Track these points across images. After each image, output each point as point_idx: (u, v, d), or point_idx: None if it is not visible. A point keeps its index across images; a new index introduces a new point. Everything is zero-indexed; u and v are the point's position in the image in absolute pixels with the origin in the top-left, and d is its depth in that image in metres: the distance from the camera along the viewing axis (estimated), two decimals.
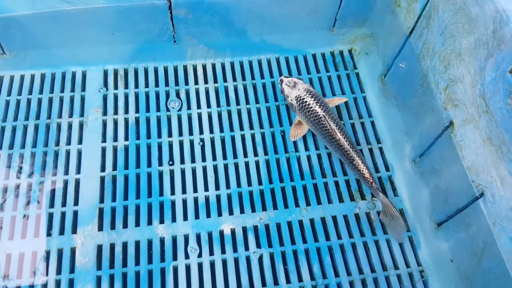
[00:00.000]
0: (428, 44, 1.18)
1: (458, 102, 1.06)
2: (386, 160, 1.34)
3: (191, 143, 1.34)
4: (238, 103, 1.42)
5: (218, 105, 1.41)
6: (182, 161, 1.31)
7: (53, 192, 1.23)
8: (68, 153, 1.28)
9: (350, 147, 1.21)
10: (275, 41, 1.51)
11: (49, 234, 1.17)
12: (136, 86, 1.42)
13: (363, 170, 1.20)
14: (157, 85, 1.43)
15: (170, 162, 1.30)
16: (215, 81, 1.46)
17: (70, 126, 1.33)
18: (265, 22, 1.44)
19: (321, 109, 1.25)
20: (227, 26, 1.43)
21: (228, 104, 1.42)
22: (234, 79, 1.46)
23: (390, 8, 1.37)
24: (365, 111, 1.42)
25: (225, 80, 1.46)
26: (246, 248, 1.19)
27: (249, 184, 1.28)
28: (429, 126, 1.22)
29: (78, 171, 1.26)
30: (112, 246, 1.17)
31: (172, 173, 1.29)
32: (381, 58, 1.47)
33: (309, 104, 1.26)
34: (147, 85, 1.43)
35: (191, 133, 1.36)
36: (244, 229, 1.21)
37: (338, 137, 1.21)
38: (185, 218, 1.22)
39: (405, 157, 1.33)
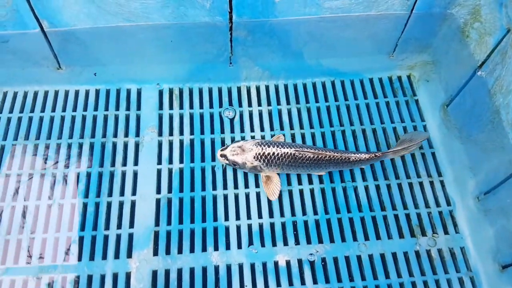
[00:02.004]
0: (502, 81, 1.12)
1: None
2: (447, 194, 1.29)
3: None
4: (292, 127, 1.39)
5: (272, 128, 1.38)
6: (236, 186, 1.28)
7: (108, 213, 1.22)
8: (124, 174, 1.28)
9: (337, 152, 1.21)
10: (331, 64, 1.47)
11: (104, 257, 1.16)
12: (191, 106, 1.41)
13: (361, 157, 1.21)
14: (211, 106, 1.41)
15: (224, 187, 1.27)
16: (269, 103, 1.43)
17: (126, 146, 1.32)
18: (323, 45, 1.41)
19: (287, 148, 1.20)
20: (284, 48, 1.40)
21: (281, 128, 1.39)
22: (288, 102, 1.44)
23: (458, 37, 1.31)
24: (426, 141, 1.37)
25: (278, 103, 1.43)
26: (302, 282, 1.16)
27: (304, 213, 1.24)
28: (498, 164, 1.16)
29: (134, 192, 1.25)
30: (167, 272, 1.15)
31: (226, 198, 1.27)
32: (443, 87, 1.41)
33: (274, 153, 1.20)
34: (201, 106, 1.41)
35: None
36: (300, 262, 1.18)
37: (324, 154, 1.19)
38: (239, 246, 1.20)
39: (468, 193, 1.27)
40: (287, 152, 1.19)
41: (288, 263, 1.18)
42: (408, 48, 1.47)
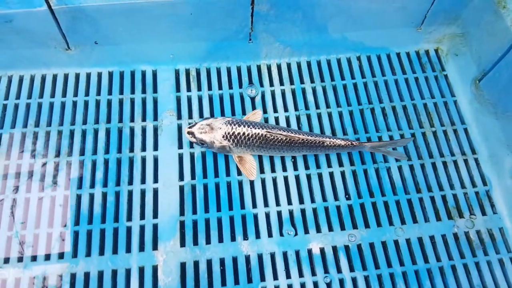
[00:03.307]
0: None
1: None
2: (483, 173, 1.23)
3: None
4: (317, 107, 1.31)
5: (296, 108, 1.31)
6: (262, 170, 1.21)
7: (130, 203, 1.15)
8: (144, 160, 1.20)
9: (311, 136, 1.14)
10: (357, 38, 1.39)
11: (128, 250, 1.10)
12: (209, 88, 1.32)
13: (337, 142, 1.15)
14: (230, 86, 1.33)
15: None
16: (291, 82, 1.35)
17: (144, 130, 1.24)
18: (349, 18, 1.32)
19: (258, 128, 1.13)
20: (308, 22, 1.31)
21: (306, 107, 1.31)
22: (312, 80, 1.35)
23: (492, 8, 1.23)
24: (457, 117, 1.30)
25: (302, 81, 1.35)
26: (339, 270, 1.10)
27: (336, 198, 1.18)
28: None
29: (156, 179, 1.18)
30: (196, 264, 1.09)
31: (252, 184, 1.20)
32: (474, 61, 1.34)
33: (244, 133, 1.13)
34: (220, 87, 1.33)
35: None
36: (335, 249, 1.12)
37: (297, 136, 1.13)
38: (270, 234, 1.14)
39: (505, 171, 1.21)
40: (258, 133, 1.12)
41: (322, 250, 1.12)
42: (436, 20, 1.38)
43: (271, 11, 1.24)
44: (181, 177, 1.19)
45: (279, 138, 1.12)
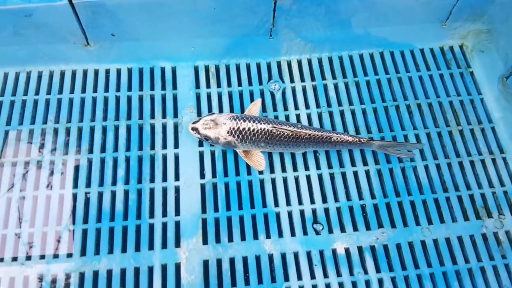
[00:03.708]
0: None
1: None
2: None
3: None
4: (340, 104, 1.29)
5: (318, 105, 1.28)
6: (284, 169, 1.19)
7: (152, 201, 1.13)
8: (164, 157, 1.18)
9: (318, 131, 1.12)
10: (380, 33, 1.36)
11: (151, 247, 1.08)
12: (229, 84, 1.30)
13: (344, 138, 1.13)
14: (250, 83, 1.31)
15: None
16: (313, 78, 1.33)
17: (164, 127, 1.22)
18: (373, 13, 1.29)
19: (264, 124, 1.11)
20: (331, 17, 1.29)
21: (329, 104, 1.29)
22: (334, 77, 1.33)
23: None
24: (484, 115, 1.27)
25: (323, 78, 1.33)
26: (365, 271, 1.08)
27: (361, 197, 1.16)
28: None
29: (177, 177, 1.16)
30: (219, 262, 1.08)
31: (273, 182, 1.18)
32: (502, 57, 1.31)
33: (249, 129, 1.10)
34: (240, 84, 1.31)
35: None
36: (360, 249, 1.10)
37: (304, 132, 1.10)
38: (293, 233, 1.12)
39: None
40: (264, 128, 1.10)
41: (347, 250, 1.10)
42: (462, 16, 1.35)
43: (294, 6, 1.22)
44: (202, 175, 1.17)
45: (286, 134, 1.10)
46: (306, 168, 1.19)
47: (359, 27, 1.33)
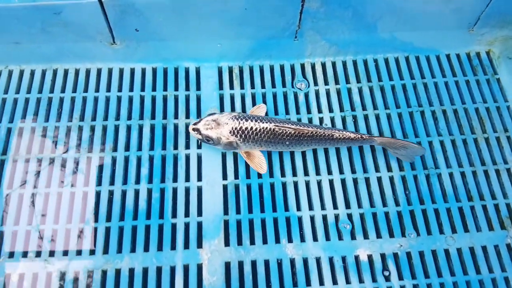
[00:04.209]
0: None
1: None
2: None
3: (314, 152, 1.21)
4: (364, 108, 1.28)
5: (342, 109, 1.28)
6: (306, 173, 1.19)
7: (175, 200, 1.14)
8: (187, 157, 1.19)
9: (320, 128, 1.12)
10: (406, 38, 1.34)
11: (173, 247, 1.09)
12: (252, 86, 1.30)
13: (346, 135, 1.12)
14: (273, 85, 1.31)
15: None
16: (337, 81, 1.32)
17: (187, 128, 1.22)
18: (401, 17, 1.28)
19: (266, 123, 1.10)
20: (357, 20, 1.28)
21: (353, 108, 1.28)
22: (358, 80, 1.32)
23: None
24: (511, 123, 1.25)
25: (348, 81, 1.32)
26: (387, 278, 1.07)
27: (384, 204, 1.15)
28: None
29: (200, 178, 1.16)
30: (241, 265, 1.08)
31: (296, 185, 1.17)
32: None
33: (252, 128, 1.09)
34: (263, 86, 1.30)
35: None
36: (383, 256, 1.09)
37: (306, 129, 1.11)
38: (315, 238, 1.11)
39: None
40: (266, 127, 1.09)
41: (370, 257, 1.09)
42: (489, 23, 1.33)
43: (321, 9, 1.21)
44: (225, 177, 1.17)
45: (288, 132, 1.10)
46: (329, 172, 1.19)
47: (385, 31, 1.32)
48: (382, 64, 1.34)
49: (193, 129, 1.11)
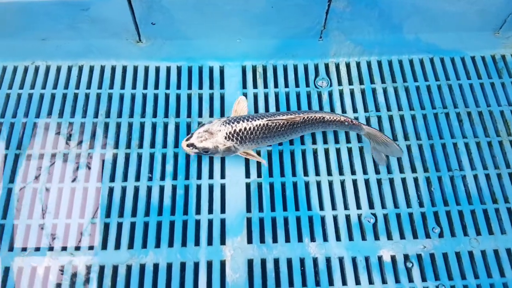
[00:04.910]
0: None
1: None
2: None
3: (337, 151, 1.21)
4: (389, 109, 1.27)
5: (366, 109, 1.27)
6: (329, 172, 1.19)
7: (198, 197, 1.15)
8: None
9: (310, 113, 1.12)
10: (431, 39, 1.34)
11: (197, 243, 1.10)
12: (276, 85, 1.31)
13: (336, 118, 1.13)
14: (297, 85, 1.31)
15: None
16: (361, 82, 1.32)
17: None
18: (426, 18, 1.28)
19: (258, 120, 1.10)
20: (383, 21, 1.28)
21: (377, 109, 1.28)
22: (383, 81, 1.32)
23: None
24: None
25: (372, 81, 1.32)
26: (410, 279, 1.07)
27: (408, 205, 1.14)
28: None
29: (223, 175, 1.17)
30: (263, 262, 1.08)
31: (319, 184, 1.18)
32: None
33: (246, 128, 1.09)
34: (286, 85, 1.31)
35: (336, 141, 1.23)
36: (406, 257, 1.09)
37: (298, 116, 1.11)
38: (338, 238, 1.11)
39: None
40: (259, 124, 1.09)
41: (393, 258, 1.09)
42: None
43: (348, 9, 1.22)
44: (248, 175, 1.18)
45: (281, 123, 1.10)
46: (353, 172, 1.19)
47: (410, 32, 1.32)
48: (407, 65, 1.33)
49: (187, 145, 1.09)
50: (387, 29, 1.30)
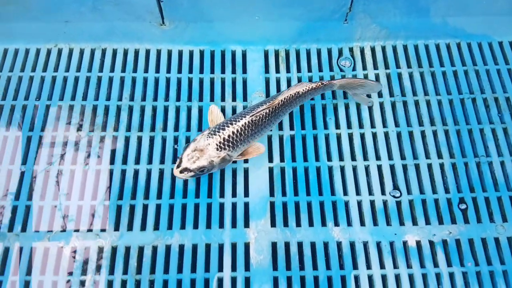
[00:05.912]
0: None
1: None
2: None
3: (362, 136, 1.21)
4: (415, 94, 1.26)
5: (391, 94, 1.26)
6: (353, 158, 1.18)
7: (222, 180, 1.15)
8: None
9: (285, 93, 1.12)
10: (458, 23, 1.31)
11: (221, 226, 1.10)
12: (298, 70, 1.30)
13: (308, 87, 1.14)
14: (320, 69, 1.30)
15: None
16: (386, 66, 1.30)
17: (234, 110, 1.23)
18: (453, 2, 1.26)
19: (241, 119, 1.07)
20: (410, 3, 1.26)
21: (403, 94, 1.26)
22: (409, 65, 1.30)
23: None
24: None
25: (398, 66, 1.30)
26: (435, 264, 1.06)
27: (434, 191, 1.13)
28: None
29: (246, 159, 1.17)
30: (287, 245, 1.09)
31: (342, 170, 1.17)
32: None
33: (233, 132, 1.06)
34: (309, 69, 1.30)
35: (361, 126, 1.22)
36: (431, 243, 1.08)
37: (276, 100, 1.10)
38: (362, 223, 1.11)
39: None
40: (245, 123, 1.07)
41: (418, 243, 1.08)
42: None
43: None
44: (270, 159, 1.18)
45: (264, 114, 1.09)
46: (377, 158, 1.18)
47: (437, 16, 1.29)
48: (433, 50, 1.31)
49: (181, 171, 1.05)
50: (413, 12, 1.27)
